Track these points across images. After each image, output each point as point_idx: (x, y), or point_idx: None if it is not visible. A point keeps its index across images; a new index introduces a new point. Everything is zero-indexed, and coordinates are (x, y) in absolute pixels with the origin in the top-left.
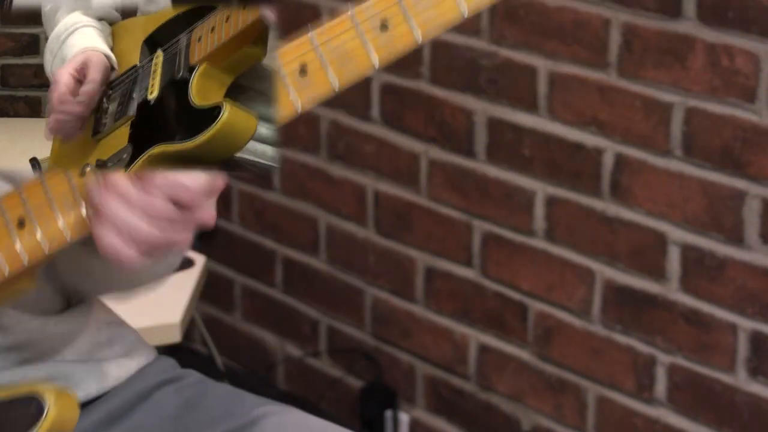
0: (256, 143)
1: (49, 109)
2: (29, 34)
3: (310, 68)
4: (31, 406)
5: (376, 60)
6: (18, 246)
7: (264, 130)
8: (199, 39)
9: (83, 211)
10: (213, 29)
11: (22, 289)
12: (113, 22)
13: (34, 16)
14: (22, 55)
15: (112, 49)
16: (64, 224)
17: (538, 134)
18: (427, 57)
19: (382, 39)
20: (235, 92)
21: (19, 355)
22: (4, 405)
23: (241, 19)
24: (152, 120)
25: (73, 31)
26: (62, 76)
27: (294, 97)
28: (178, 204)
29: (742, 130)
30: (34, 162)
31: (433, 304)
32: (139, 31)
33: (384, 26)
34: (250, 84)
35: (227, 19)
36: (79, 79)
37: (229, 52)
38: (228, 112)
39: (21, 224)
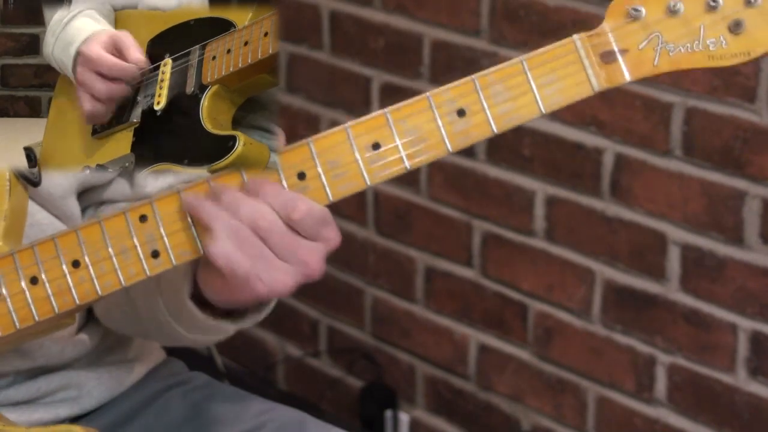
0: None
1: (91, 89)
2: (29, 34)
3: (383, 144)
4: None
5: (449, 145)
6: (71, 286)
7: (266, 141)
8: (213, 58)
9: (139, 252)
10: (229, 51)
11: (63, 324)
12: (116, 8)
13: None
14: (22, 55)
15: None
16: (119, 267)
17: (538, 134)
18: (427, 57)
19: (457, 125)
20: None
21: (33, 371)
22: None
23: (261, 49)
24: (158, 132)
25: (77, 14)
26: (97, 52)
27: (364, 172)
28: (287, 223)
29: (742, 130)
30: (29, 151)
31: (433, 304)
32: (142, 27)
33: (461, 113)
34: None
35: (245, 44)
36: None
37: (243, 77)
38: (242, 146)
39: (75, 264)
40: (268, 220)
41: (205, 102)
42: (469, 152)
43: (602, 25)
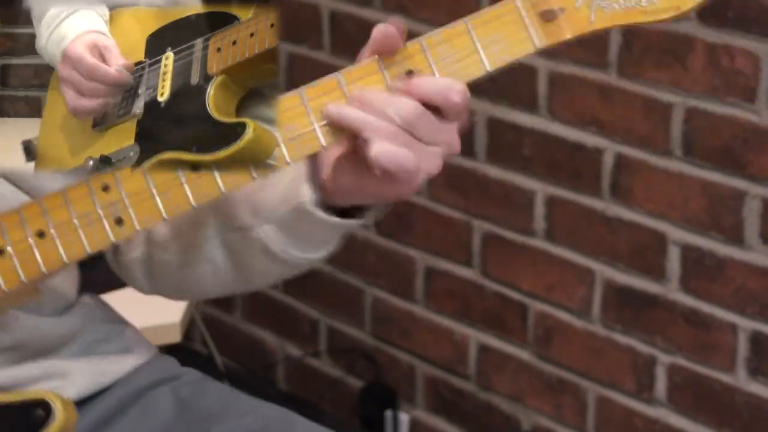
0: None
1: (72, 85)
2: (29, 34)
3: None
4: (38, 410)
5: None
6: (37, 255)
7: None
8: (219, 50)
9: (104, 220)
10: (235, 43)
11: (29, 299)
12: (111, 7)
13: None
14: (22, 55)
15: None
16: (84, 235)
17: (538, 134)
18: None
19: None
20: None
21: (15, 353)
22: (13, 408)
23: (268, 39)
24: (162, 123)
25: (72, 12)
26: (79, 52)
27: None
28: (433, 109)
29: (742, 130)
30: (28, 144)
31: (433, 304)
32: (138, 24)
33: (410, 73)
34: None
35: (251, 35)
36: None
37: (248, 67)
38: (252, 131)
39: (41, 234)
40: (415, 113)
41: (211, 91)
42: (469, 152)
43: None
